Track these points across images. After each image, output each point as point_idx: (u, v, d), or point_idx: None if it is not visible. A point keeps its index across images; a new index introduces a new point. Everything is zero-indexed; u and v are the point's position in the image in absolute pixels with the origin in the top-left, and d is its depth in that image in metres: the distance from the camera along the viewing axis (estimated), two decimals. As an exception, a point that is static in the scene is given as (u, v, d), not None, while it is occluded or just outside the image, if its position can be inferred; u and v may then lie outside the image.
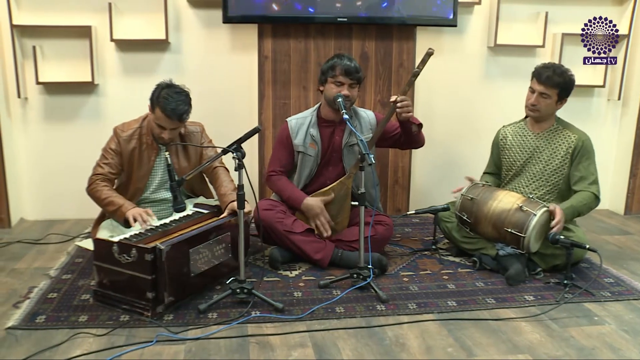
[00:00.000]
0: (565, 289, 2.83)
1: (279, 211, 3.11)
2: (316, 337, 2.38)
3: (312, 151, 3.18)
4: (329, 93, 3.08)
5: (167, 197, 3.14)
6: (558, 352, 2.29)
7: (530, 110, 3.16)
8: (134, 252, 2.45)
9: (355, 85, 3.08)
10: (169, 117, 2.86)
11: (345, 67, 3.03)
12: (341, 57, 3.08)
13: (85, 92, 3.84)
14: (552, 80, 3.04)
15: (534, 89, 3.10)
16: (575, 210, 3.01)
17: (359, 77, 3.07)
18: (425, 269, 3.13)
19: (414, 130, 3.11)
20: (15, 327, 2.41)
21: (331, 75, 3.06)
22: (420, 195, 4.19)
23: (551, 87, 3.05)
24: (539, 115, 3.15)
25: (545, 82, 3.05)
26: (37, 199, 3.95)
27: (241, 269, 2.60)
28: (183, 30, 3.84)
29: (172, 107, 2.85)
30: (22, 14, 3.66)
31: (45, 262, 3.19)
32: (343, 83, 3.04)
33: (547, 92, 3.06)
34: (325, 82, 3.11)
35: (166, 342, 2.32)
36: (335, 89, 3.05)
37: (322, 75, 3.13)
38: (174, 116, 2.86)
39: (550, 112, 3.15)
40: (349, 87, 3.04)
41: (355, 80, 3.06)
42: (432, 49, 2.81)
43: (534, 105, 3.12)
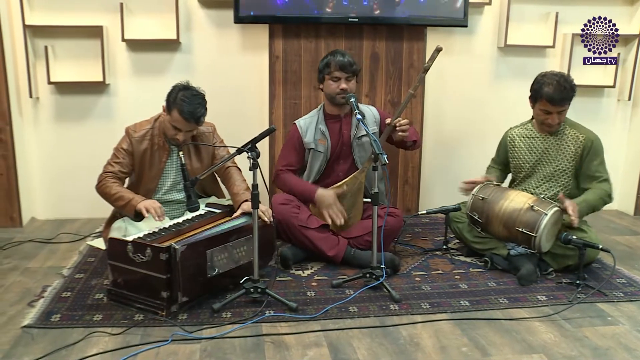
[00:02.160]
0: (578, 289, 2.82)
1: (294, 206, 3.14)
2: (331, 337, 2.38)
3: (321, 147, 3.22)
4: (328, 90, 3.17)
5: (179, 198, 3.15)
6: (573, 352, 2.29)
7: (549, 128, 3.13)
8: (149, 252, 2.46)
9: (351, 78, 3.16)
10: (186, 119, 2.87)
11: (339, 62, 3.13)
12: (334, 54, 3.19)
13: (97, 92, 3.85)
14: (568, 97, 3.03)
15: (549, 110, 3.05)
16: (590, 205, 3.01)
17: (353, 70, 3.16)
18: (437, 269, 3.13)
19: (409, 146, 3.23)
20: (31, 326, 2.43)
21: (327, 72, 3.16)
22: (429, 195, 4.19)
23: (568, 102, 3.05)
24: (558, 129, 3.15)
25: (562, 102, 3.03)
26: (48, 199, 3.97)
27: (255, 268, 2.60)
28: (194, 30, 3.85)
29: (190, 110, 2.86)
30: (34, 14, 3.68)
31: (58, 261, 3.20)
32: (339, 78, 3.13)
33: (564, 108, 3.06)
34: (323, 80, 3.21)
35: (181, 342, 2.32)
36: (333, 85, 3.14)
37: (319, 74, 3.24)
38: (191, 119, 2.88)
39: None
40: (345, 80, 3.13)
41: (351, 73, 3.15)
42: (440, 46, 2.89)
43: (556, 124, 3.09)
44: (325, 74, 3.16)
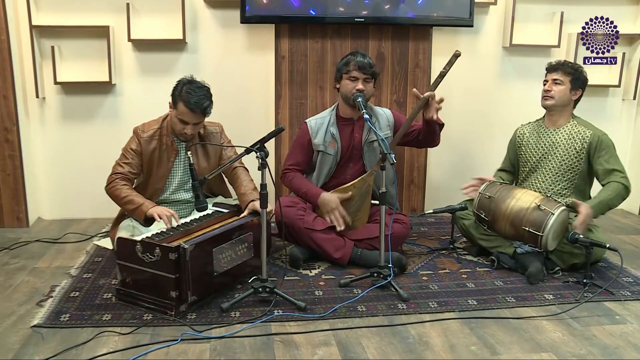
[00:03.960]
0: (585, 288, 2.83)
1: (300, 208, 3.14)
2: (340, 336, 2.39)
3: (331, 150, 3.21)
4: (345, 89, 3.13)
5: (186, 197, 3.16)
6: (582, 351, 2.30)
7: (545, 99, 3.21)
8: (158, 251, 2.47)
9: (369, 80, 3.13)
10: (192, 110, 2.89)
11: (358, 62, 3.10)
12: (355, 54, 3.16)
13: (103, 92, 3.86)
14: (563, 67, 3.17)
15: (547, 79, 3.21)
16: (605, 205, 3.02)
17: (372, 71, 3.13)
18: (444, 268, 3.14)
19: (437, 130, 3.15)
20: (41, 326, 2.43)
21: (345, 71, 3.13)
22: (435, 194, 4.20)
23: (563, 73, 3.15)
24: (553, 104, 3.17)
25: (557, 69, 3.17)
26: (54, 199, 3.98)
27: (263, 267, 2.61)
28: (200, 30, 3.86)
29: (195, 101, 2.87)
30: (41, 14, 3.69)
31: (65, 261, 3.21)
32: (357, 78, 3.10)
33: (560, 77, 3.16)
34: (340, 79, 3.17)
35: (191, 341, 2.33)
36: (350, 85, 3.10)
37: (337, 73, 3.20)
38: (197, 109, 2.89)
39: (565, 101, 3.17)
40: (363, 81, 3.10)
41: (369, 74, 3.11)
42: (459, 51, 2.86)
43: (547, 91, 3.19)
44: (344, 72, 3.13)
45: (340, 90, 3.18)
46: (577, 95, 3.17)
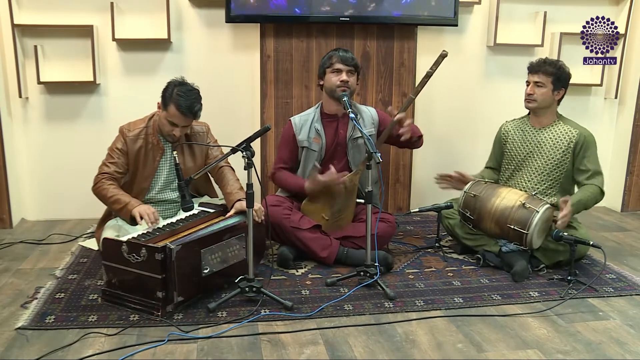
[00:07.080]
0: (569, 285, 2.86)
1: (286, 207, 3.14)
2: (327, 335, 2.39)
3: (315, 146, 3.22)
4: (329, 83, 3.16)
5: (172, 197, 3.15)
6: (566, 347, 2.32)
7: (527, 102, 3.23)
8: (144, 252, 2.45)
9: (353, 72, 3.16)
10: (183, 114, 2.88)
11: (341, 56, 3.14)
12: (337, 49, 3.22)
13: (87, 91, 3.83)
14: (544, 69, 3.15)
15: (529, 80, 3.22)
16: (583, 204, 3.06)
17: (355, 63, 3.16)
18: (430, 267, 3.16)
19: (414, 141, 3.22)
20: (25, 327, 2.41)
21: (328, 65, 3.16)
22: (421, 193, 4.22)
23: (544, 75, 3.15)
24: (536, 106, 3.20)
25: (538, 71, 3.16)
26: (38, 199, 3.94)
27: (250, 267, 2.61)
28: (185, 29, 3.84)
29: (187, 105, 2.87)
30: (24, 13, 3.64)
31: (50, 262, 3.18)
32: (341, 70, 3.13)
33: (541, 80, 3.15)
34: (324, 75, 3.20)
35: (178, 341, 2.32)
36: (334, 77, 3.13)
37: (320, 69, 3.24)
38: (189, 113, 2.89)
39: (548, 102, 3.19)
40: (347, 73, 3.13)
41: (352, 66, 3.14)
42: (445, 51, 2.89)
43: (530, 95, 3.20)
44: (327, 67, 3.16)
45: (325, 85, 3.20)
46: (560, 95, 3.20)
